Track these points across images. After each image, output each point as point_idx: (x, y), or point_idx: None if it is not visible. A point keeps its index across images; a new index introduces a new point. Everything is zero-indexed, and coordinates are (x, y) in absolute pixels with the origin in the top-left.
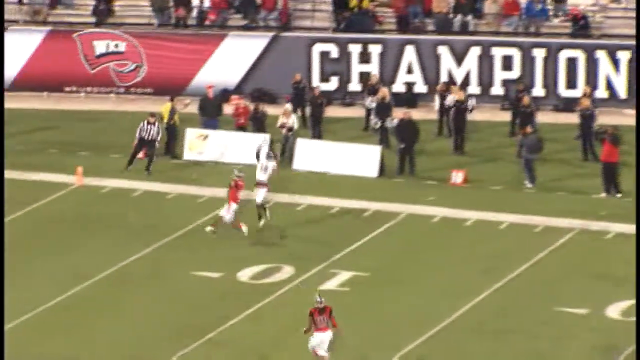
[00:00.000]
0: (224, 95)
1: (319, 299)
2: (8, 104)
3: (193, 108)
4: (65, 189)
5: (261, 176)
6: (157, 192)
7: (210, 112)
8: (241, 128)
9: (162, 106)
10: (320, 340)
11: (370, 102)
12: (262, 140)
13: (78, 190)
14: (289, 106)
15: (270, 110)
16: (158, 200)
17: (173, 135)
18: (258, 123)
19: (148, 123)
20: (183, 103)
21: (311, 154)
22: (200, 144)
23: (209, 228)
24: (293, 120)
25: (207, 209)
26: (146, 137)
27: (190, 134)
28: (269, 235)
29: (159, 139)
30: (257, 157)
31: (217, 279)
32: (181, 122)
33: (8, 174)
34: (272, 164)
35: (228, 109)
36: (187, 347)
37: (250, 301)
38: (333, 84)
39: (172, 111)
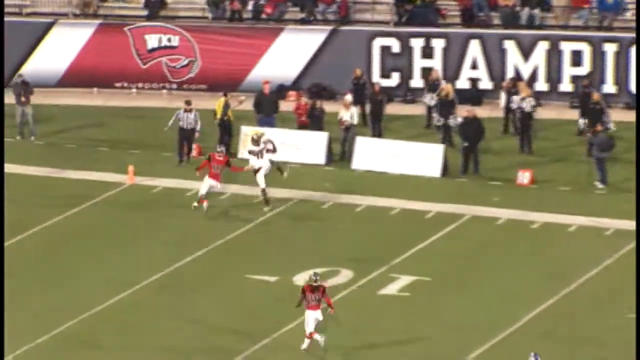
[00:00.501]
0: (281, 91)
1: (314, 277)
2: (57, 100)
3: (248, 105)
4: (117, 188)
5: (255, 162)
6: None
7: (267, 109)
8: (303, 126)
9: (216, 102)
10: (309, 318)
11: (431, 99)
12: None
13: (129, 189)
14: (349, 97)
15: (328, 107)
16: (212, 200)
17: (227, 131)
18: (316, 120)
19: (185, 111)
20: (237, 100)
21: (371, 153)
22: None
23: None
24: (353, 113)
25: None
26: (184, 126)
27: (244, 132)
28: (327, 237)
29: (198, 127)
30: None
31: (273, 282)
32: (236, 120)
33: (58, 173)
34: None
35: (285, 105)
36: (242, 352)
37: None
38: (394, 80)
39: (226, 106)
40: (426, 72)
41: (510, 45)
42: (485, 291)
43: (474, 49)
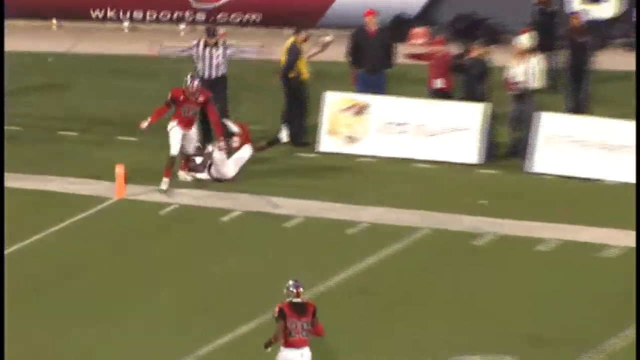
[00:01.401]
0: (399, 28)
1: (292, 286)
2: None
3: (338, 52)
4: (95, 206)
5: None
6: (258, 212)
7: (372, 61)
8: (441, 94)
9: (279, 47)
10: None
11: None
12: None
13: (116, 209)
14: (524, 38)
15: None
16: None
17: (299, 101)
18: (468, 83)
19: (206, 45)
20: (320, 42)
21: (565, 143)
22: (351, 122)
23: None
24: (531, 68)
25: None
26: (206, 74)
27: (331, 101)
28: None
29: (223, 69)
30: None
31: None
32: (314, 78)
33: None
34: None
35: (405, 54)
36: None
37: None
38: (608, 7)
39: (295, 53)
40: None
41: None
42: None
43: None
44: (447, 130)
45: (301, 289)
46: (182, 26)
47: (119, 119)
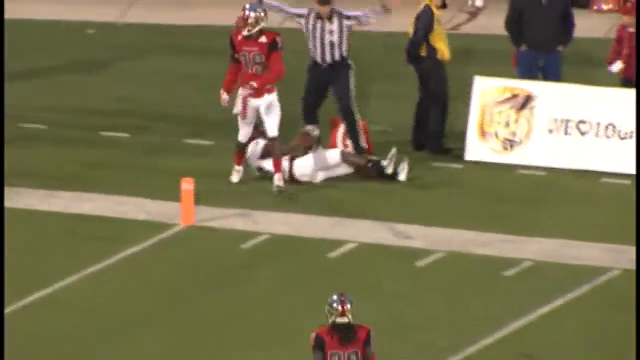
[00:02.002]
0: None
1: (336, 301)
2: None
3: (492, 19)
4: (155, 234)
5: None
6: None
7: (541, 33)
8: (623, 81)
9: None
10: None
11: None
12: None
13: (183, 239)
14: None
15: None
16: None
17: (434, 90)
18: None
19: (318, 17)
20: (468, 7)
21: None
22: (510, 119)
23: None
24: None
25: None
26: (319, 58)
27: (482, 91)
28: None
29: (342, 50)
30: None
31: None
32: (461, 58)
33: (14, 199)
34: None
35: (584, 26)
36: None
37: None
38: None
39: (427, 22)
40: None
41: None
42: None
43: None
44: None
45: (348, 306)
46: None
47: (186, 115)
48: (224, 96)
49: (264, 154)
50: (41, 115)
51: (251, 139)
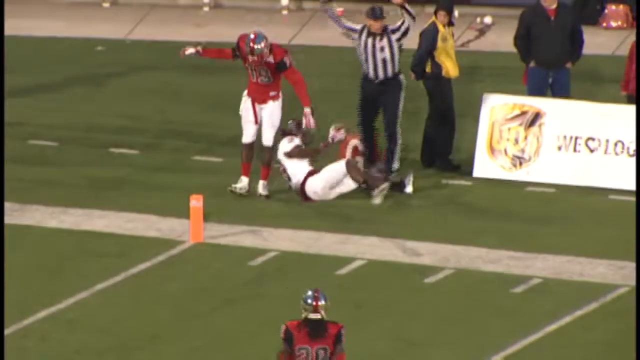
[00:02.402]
0: (588, 5)
1: (310, 297)
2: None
3: (502, 36)
4: (162, 251)
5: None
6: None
7: (550, 50)
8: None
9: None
10: None
11: None
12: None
13: (192, 257)
14: None
15: None
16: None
17: (441, 107)
18: None
19: (370, 34)
20: (477, 24)
21: None
22: (520, 136)
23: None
24: None
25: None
26: (370, 74)
27: (491, 107)
28: None
29: (394, 67)
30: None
31: None
32: (470, 75)
33: (19, 216)
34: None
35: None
36: None
37: None
38: None
39: (431, 39)
40: None
41: None
42: None
43: None
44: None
45: (322, 302)
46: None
47: (196, 132)
48: (190, 51)
49: (291, 154)
50: (52, 132)
51: (288, 134)
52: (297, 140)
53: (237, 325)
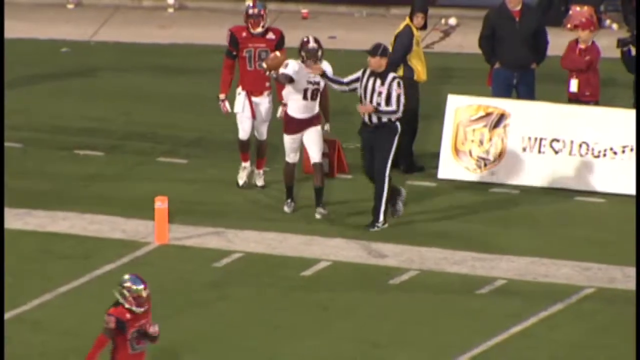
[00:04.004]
0: (552, 6)
1: (129, 283)
2: None
3: (466, 38)
4: (125, 254)
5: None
6: None
7: (515, 51)
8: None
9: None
10: None
11: None
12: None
13: (156, 258)
14: None
15: None
16: None
17: (410, 109)
18: None
19: (371, 75)
20: (442, 26)
21: None
22: (484, 137)
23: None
24: None
25: None
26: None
27: (455, 109)
28: None
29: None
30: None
31: None
32: (435, 77)
33: None
34: None
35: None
36: None
37: None
38: None
39: (408, 42)
40: None
41: None
42: None
43: None
44: (620, 150)
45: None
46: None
47: (160, 133)
48: (226, 104)
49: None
50: (15, 134)
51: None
52: (292, 65)
53: (203, 326)
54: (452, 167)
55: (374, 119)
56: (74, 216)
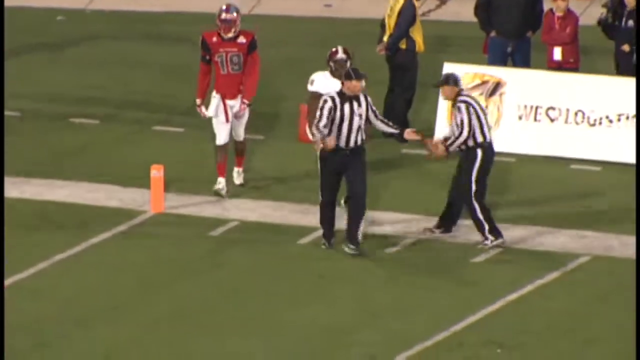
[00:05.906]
0: None
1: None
2: None
3: (462, 6)
4: (123, 222)
5: None
6: None
7: (511, 19)
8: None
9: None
10: None
11: None
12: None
13: (151, 228)
14: None
15: None
16: None
17: (407, 80)
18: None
19: (345, 98)
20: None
21: None
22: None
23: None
24: None
25: None
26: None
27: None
28: None
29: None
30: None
31: None
32: (431, 46)
33: None
34: None
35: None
36: None
37: None
38: None
39: (411, 15)
40: None
41: None
42: None
43: None
44: (616, 118)
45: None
46: None
47: (156, 102)
48: (203, 109)
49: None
50: (13, 102)
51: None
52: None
53: (199, 295)
54: None
55: (352, 142)
56: (71, 184)
